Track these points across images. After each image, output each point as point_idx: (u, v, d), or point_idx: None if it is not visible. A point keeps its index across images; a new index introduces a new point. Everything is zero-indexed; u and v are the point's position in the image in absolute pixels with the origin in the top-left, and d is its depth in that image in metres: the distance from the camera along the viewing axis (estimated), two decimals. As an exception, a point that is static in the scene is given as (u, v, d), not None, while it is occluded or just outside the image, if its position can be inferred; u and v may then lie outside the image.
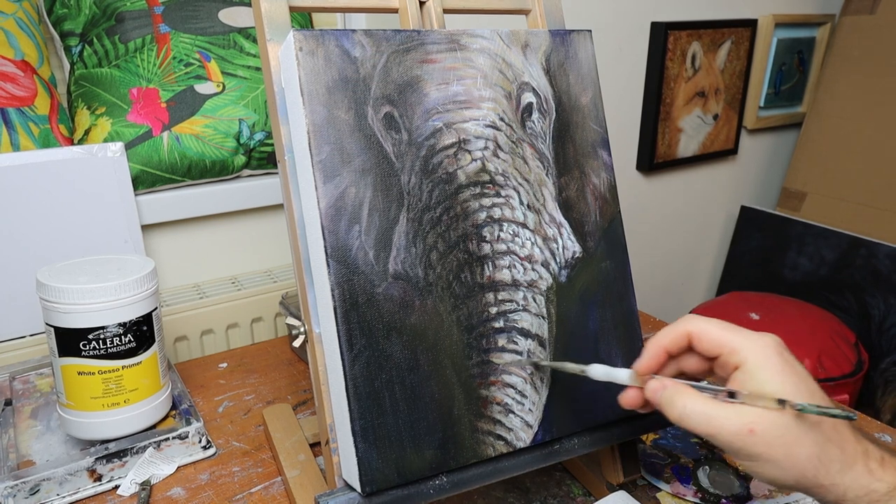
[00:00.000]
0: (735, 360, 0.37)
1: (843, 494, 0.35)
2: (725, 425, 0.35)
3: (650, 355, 0.41)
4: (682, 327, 0.40)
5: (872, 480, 0.35)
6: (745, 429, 0.34)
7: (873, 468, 0.35)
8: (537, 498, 0.55)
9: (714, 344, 0.38)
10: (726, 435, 0.35)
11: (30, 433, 0.62)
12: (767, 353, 0.36)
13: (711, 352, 0.38)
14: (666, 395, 0.38)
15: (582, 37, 0.53)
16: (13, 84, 0.74)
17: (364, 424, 0.42)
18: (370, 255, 0.43)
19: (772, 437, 0.34)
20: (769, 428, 0.34)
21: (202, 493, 0.55)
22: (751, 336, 0.37)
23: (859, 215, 1.37)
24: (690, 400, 0.36)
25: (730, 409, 0.35)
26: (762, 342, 0.37)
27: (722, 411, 0.35)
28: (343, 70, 0.44)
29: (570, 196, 0.51)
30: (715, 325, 0.39)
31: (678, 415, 0.37)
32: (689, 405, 0.36)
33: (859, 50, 1.37)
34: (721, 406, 0.36)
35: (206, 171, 0.83)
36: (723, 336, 0.38)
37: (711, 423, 0.35)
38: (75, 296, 0.54)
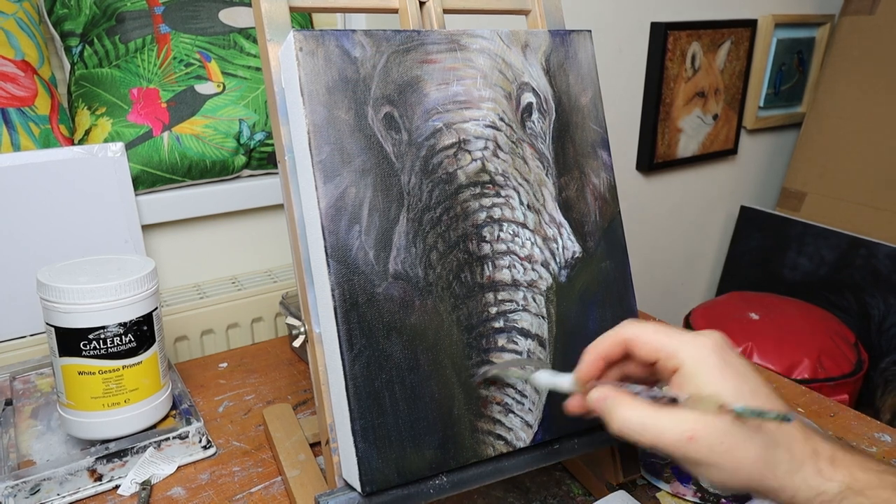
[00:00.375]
0: (672, 364, 0.36)
1: (793, 497, 0.34)
2: (664, 434, 0.34)
3: (587, 363, 0.39)
4: (619, 334, 0.38)
5: (822, 481, 0.33)
6: (684, 436, 0.33)
7: (823, 468, 0.34)
8: (537, 498, 0.55)
9: (650, 349, 0.37)
10: (667, 444, 0.34)
11: (30, 433, 0.62)
12: (704, 353, 0.35)
13: (649, 357, 0.37)
14: (606, 406, 0.36)
15: (582, 37, 0.53)
16: (14, 84, 0.75)
17: (364, 424, 0.42)
18: (370, 255, 0.43)
19: (712, 443, 0.33)
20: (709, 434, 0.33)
21: (202, 493, 0.55)
22: (687, 338, 0.36)
23: (859, 215, 1.37)
24: (629, 410, 0.35)
25: (668, 416, 0.34)
26: (698, 343, 0.36)
27: (660, 420, 0.34)
28: (343, 70, 0.44)
29: (570, 196, 0.51)
30: (650, 330, 0.37)
31: (617, 427, 0.35)
32: (627, 416, 0.35)
33: (859, 50, 1.37)
34: (660, 414, 0.34)
35: (206, 171, 0.83)
36: (658, 340, 0.37)
37: (650, 433, 0.34)
38: (76, 296, 0.54)
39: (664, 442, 0.34)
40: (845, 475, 0.33)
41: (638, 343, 0.37)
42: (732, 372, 0.35)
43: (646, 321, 0.38)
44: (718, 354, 0.35)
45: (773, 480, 0.33)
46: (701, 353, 0.35)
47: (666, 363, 0.36)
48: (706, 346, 0.35)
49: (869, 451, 0.60)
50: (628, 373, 0.40)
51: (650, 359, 0.37)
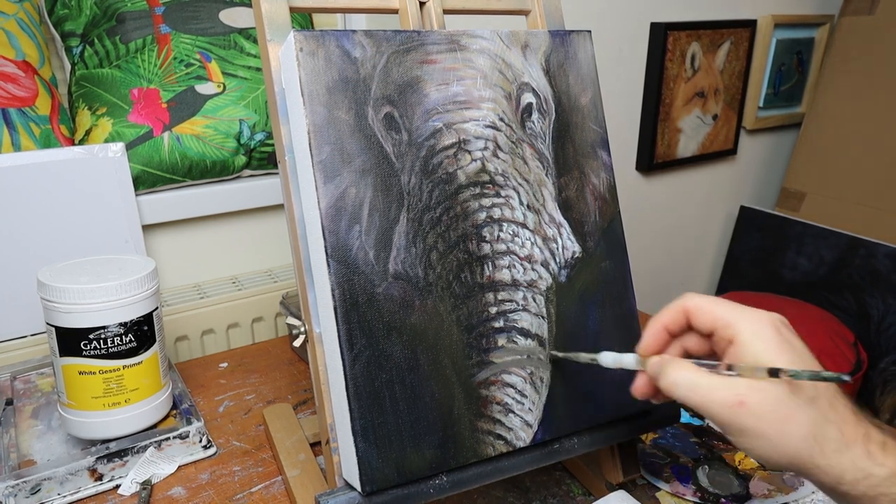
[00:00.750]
0: (729, 335, 0.36)
1: (840, 477, 0.33)
2: (714, 396, 0.33)
3: (650, 334, 0.40)
4: (680, 304, 0.39)
5: (872, 464, 0.33)
6: (734, 400, 0.33)
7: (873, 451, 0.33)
8: (537, 497, 0.55)
9: (709, 319, 0.37)
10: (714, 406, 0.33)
11: (31, 433, 0.62)
12: (761, 327, 0.35)
13: (707, 327, 0.37)
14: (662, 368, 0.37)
15: (581, 37, 0.54)
16: (14, 84, 0.75)
17: (364, 424, 0.42)
18: (370, 255, 0.43)
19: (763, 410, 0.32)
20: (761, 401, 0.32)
21: (203, 493, 0.55)
22: (746, 311, 0.36)
23: (858, 215, 1.37)
24: (681, 369, 0.35)
25: (720, 380, 0.34)
26: (757, 317, 0.35)
27: (712, 381, 0.34)
28: (343, 70, 0.44)
29: (570, 196, 0.51)
30: (711, 301, 0.37)
31: (667, 383, 0.35)
32: (679, 374, 0.35)
33: (858, 50, 1.37)
34: (712, 377, 0.34)
35: (206, 171, 0.83)
36: (718, 311, 0.37)
37: (698, 393, 0.34)
38: (76, 296, 0.54)
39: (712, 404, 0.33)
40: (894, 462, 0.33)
41: (698, 313, 0.37)
42: (788, 347, 0.34)
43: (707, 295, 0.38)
44: (776, 329, 0.35)
45: (820, 458, 0.33)
46: (758, 326, 0.35)
47: (723, 333, 0.36)
48: (763, 320, 0.35)
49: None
50: (689, 348, 0.40)
51: (708, 329, 0.37)
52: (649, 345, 0.40)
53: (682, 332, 0.40)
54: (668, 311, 0.39)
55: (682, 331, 0.40)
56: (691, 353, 0.40)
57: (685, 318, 0.39)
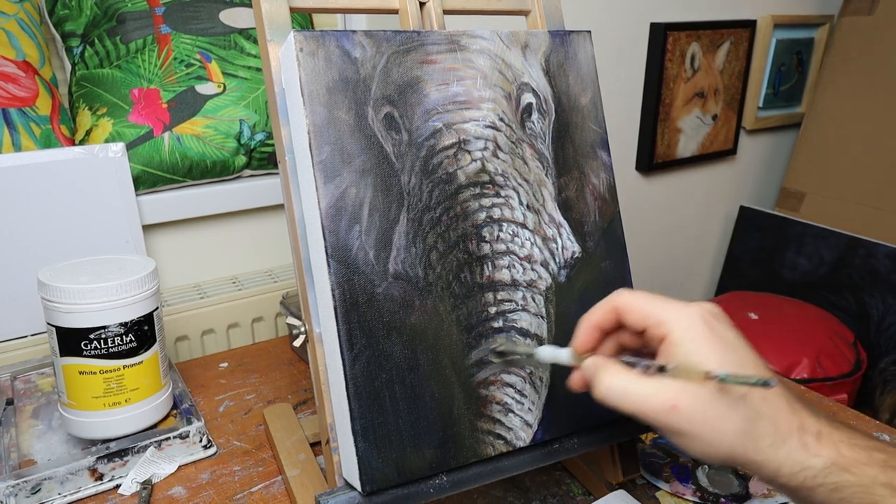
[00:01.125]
0: (660, 332, 0.35)
1: (777, 470, 0.33)
2: (647, 402, 0.33)
3: (582, 332, 0.39)
4: (610, 302, 0.38)
5: (808, 456, 0.32)
6: (667, 405, 0.32)
7: (808, 443, 0.33)
8: (537, 497, 0.55)
9: (640, 317, 0.36)
10: (648, 412, 0.33)
11: (31, 432, 0.62)
12: (692, 322, 0.34)
13: (639, 325, 0.36)
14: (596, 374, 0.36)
15: (581, 37, 0.54)
16: (15, 85, 0.75)
17: (364, 424, 0.42)
18: (370, 255, 0.44)
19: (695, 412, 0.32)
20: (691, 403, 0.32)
21: (203, 493, 0.55)
22: (676, 307, 0.35)
23: (858, 215, 1.37)
24: (613, 377, 0.35)
25: (652, 384, 0.33)
26: (687, 312, 0.35)
27: (644, 388, 0.33)
28: (343, 71, 0.44)
29: (570, 196, 0.51)
30: (640, 298, 0.37)
31: (601, 393, 0.35)
32: (610, 382, 0.34)
33: (858, 50, 1.37)
34: (644, 382, 0.34)
35: (206, 171, 0.83)
36: (648, 308, 0.36)
37: (632, 400, 0.33)
38: (77, 296, 0.54)
39: (646, 409, 0.33)
40: (831, 451, 0.33)
41: (628, 310, 0.37)
42: (719, 342, 0.34)
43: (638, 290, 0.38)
44: (706, 323, 0.34)
45: (755, 453, 0.33)
46: (688, 323, 0.34)
47: (654, 331, 0.36)
48: (694, 315, 0.35)
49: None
50: (624, 343, 0.39)
51: (639, 327, 0.37)
52: (582, 342, 0.39)
53: (616, 329, 0.39)
54: (598, 309, 0.39)
55: (614, 328, 0.39)
56: (626, 347, 0.40)
57: (616, 316, 0.38)
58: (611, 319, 0.38)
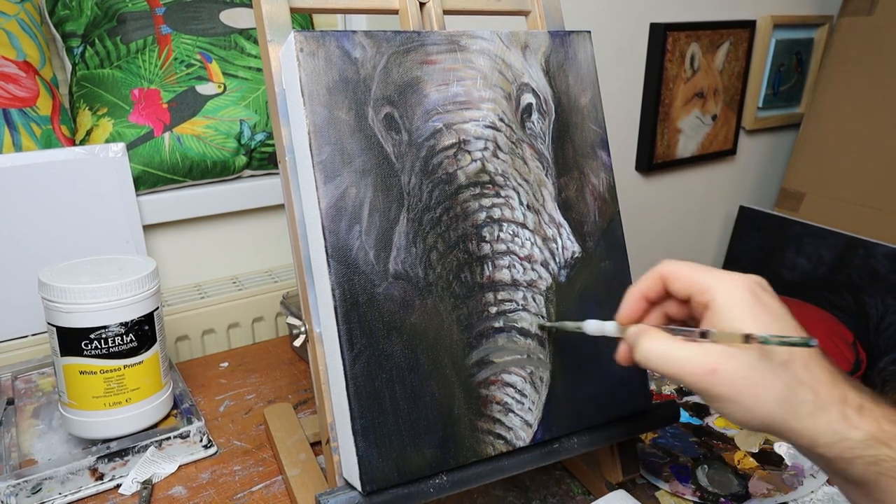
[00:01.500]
0: (705, 300, 0.35)
1: (814, 439, 0.33)
2: (687, 365, 0.33)
3: (628, 302, 0.39)
4: (657, 270, 0.38)
5: (848, 427, 0.32)
6: (707, 368, 0.32)
7: (849, 415, 0.33)
8: (537, 497, 0.55)
9: (685, 284, 0.36)
10: (688, 375, 0.33)
11: (32, 432, 0.62)
12: (736, 290, 0.34)
13: (684, 293, 0.36)
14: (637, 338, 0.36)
15: (581, 38, 0.54)
16: (15, 85, 0.75)
17: (364, 423, 0.42)
18: (370, 255, 0.44)
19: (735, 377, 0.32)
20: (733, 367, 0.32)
21: (203, 492, 0.55)
22: (722, 275, 0.35)
23: (857, 215, 1.37)
24: (654, 340, 0.35)
25: (693, 348, 0.33)
26: (731, 280, 0.35)
27: (684, 351, 0.33)
28: (343, 71, 0.44)
29: (570, 196, 0.51)
30: (687, 266, 0.37)
31: (641, 356, 0.35)
32: (651, 346, 0.35)
33: (857, 51, 1.37)
34: (684, 346, 0.34)
35: (207, 171, 0.83)
36: (693, 275, 0.36)
37: (672, 363, 0.33)
38: (77, 295, 0.54)
39: (686, 373, 0.33)
40: (872, 425, 0.32)
41: (673, 279, 0.37)
42: (763, 311, 0.34)
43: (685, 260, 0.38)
44: (751, 292, 0.34)
45: (794, 420, 0.32)
46: (733, 290, 0.34)
47: (699, 298, 0.36)
48: (739, 284, 0.35)
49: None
50: (671, 314, 0.40)
51: (685, 294, 0.37)
52: (627, 313, 0.39)
53: (662, 299, 0.39)
54: (645, 278, 0.39)
55: (660, 298, 0.39)
56: (672, 318, 0.40)
57: (662, 285, 0.38)
58: (657, 289, 0.38)
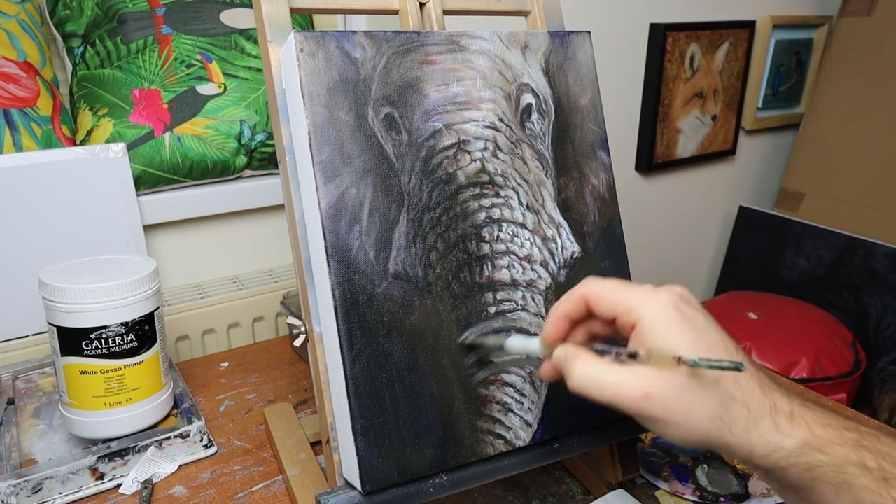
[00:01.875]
0: (630, 319, 0.35)
1: (751, 452, 0.33)
2: (620, 391, 0.33)
3: (551, 323, 0.39)
4: (579, 291, 0.38)
5: (781, 437, 0.32)
6: (639, 393, 0.32)
7: (781, 424, 0.33)
8: (537, 496, 0.55)
9: (609, 305, 0.36)
10: (623, 401, 0.33)
11: (32, 432, 0.62)
12: (661, 307, 0.34)
13: (608, 313, 0.36)
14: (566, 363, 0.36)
15: (581, 38, 0.54)
16: (16, 85, 0.75)
17: (364, 423, 0.42)
18: (370, 255, 0.44)
19: (668, 399, 0.32)
20: (664, 390, 0.32)
21: (204, 492, 0.55)
22: (645, 292, 0.35)
23: (857, 215, 1.37)
24: (586, 367, 0.34)
25: (624, 373, 0.33)
26: (656, 297, 0.35)
27: (616, 376, 0.33)
28: (344, 71, 0.44)
29: (570, 196, 0.51)
30: (609, 286, 0.36)
31: (575, 384, 0.35)
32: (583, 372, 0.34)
33: (857, 51, 1.37)
34: (616, 371, 0.34)
35: (207, 171, 0.83)
36: (616, 295, 0.36)
37: (606, 390, 0.33)
38: (78, 295, 0.54)
39: (620, 399, 0.33)
40: (804, 431, 0.33)
41: (598, 299, 0.37)
42: (689, 326, 0.34)
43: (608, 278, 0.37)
44: (676, 308, 0.34)
45: (729, 436, 0.33)
46: (659, 308, 0.34)
47: (624, 318, 0.35)
48: (663, 300, 0.34)
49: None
50: (595, 332, 0.39)
51: (609, 315, 0.36)
52: (551, 333, 0.39)
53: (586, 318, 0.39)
54: (567, 299, 0.38)
55: (584, 318, 0.39)
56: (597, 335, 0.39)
57: (585, 306, 0.38)
58: (580, 309, 0.38)
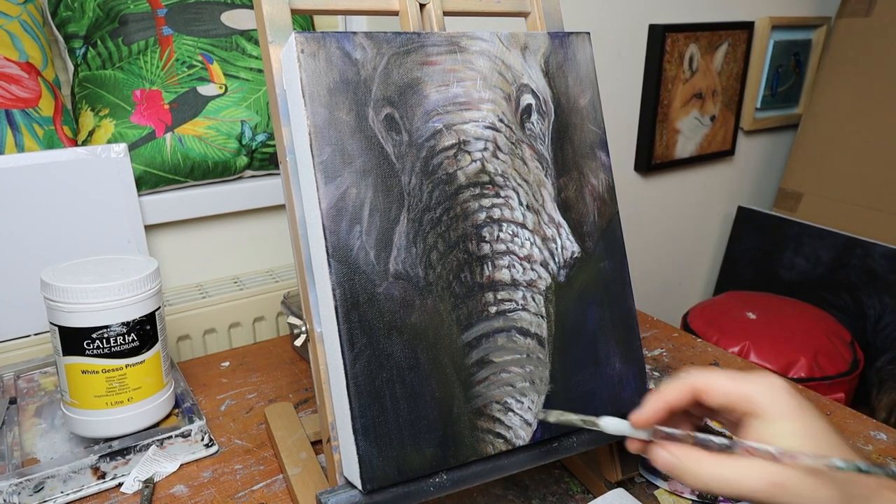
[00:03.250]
0: (747, 408, 0.36)
1: None
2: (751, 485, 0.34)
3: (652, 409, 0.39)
4: (688, 383, 0.38)
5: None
6: (771, 482, 0.34)
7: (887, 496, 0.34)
8: (536, 495, 0.55)
9: (723, 394, 0.37)
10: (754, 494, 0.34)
11: (34, 431, 0.62)
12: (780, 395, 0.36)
13: (723, 403, 0.37)
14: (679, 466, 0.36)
15: (581, 39, 0.54)
16: (18, 86, 0.75)
17: (365, 423, 0.42)
18: (371, 255, 0.44)
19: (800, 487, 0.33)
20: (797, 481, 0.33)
21: (205, 491, 0.55)
22: (760, 379, 0.36)
23: (855, 216, 1.38)
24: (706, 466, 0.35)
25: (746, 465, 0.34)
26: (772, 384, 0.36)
27: (742, 472, 0.34)
28: (344, 72, 0.45)
29: (569, 196, 0.52)
30: (722, 375, 0.37)
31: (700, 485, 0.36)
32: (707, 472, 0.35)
33: (855, 52, 1.38)
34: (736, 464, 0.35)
35: (208, 171, 0.84)
36: (732, 385, 0.37)
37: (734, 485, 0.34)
38: (79, 295, 0.54)
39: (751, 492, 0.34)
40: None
41: (710, 390, 0.37)
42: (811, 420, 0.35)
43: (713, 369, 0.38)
44: (791, 394, 0.36)
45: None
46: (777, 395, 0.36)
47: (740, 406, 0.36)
48: (779, 387, 0.36)
49: (864, 448, 0.61)
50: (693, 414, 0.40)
51: (723, 404, 0.37)
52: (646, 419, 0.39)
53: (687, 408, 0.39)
54: (674, 388, 0.38)
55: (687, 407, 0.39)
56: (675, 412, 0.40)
57: (692, 397, 0.38)
58: (686, 399, 0.38)
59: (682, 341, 0.83)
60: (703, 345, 0.83)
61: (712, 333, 1.21)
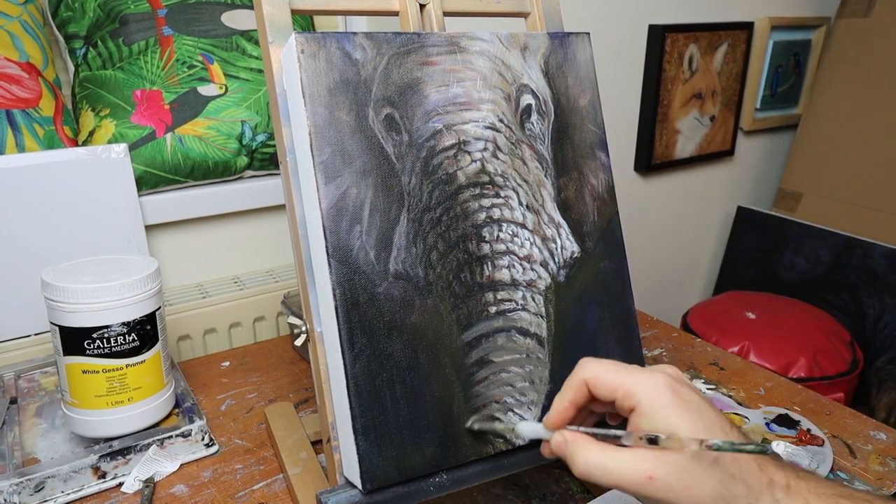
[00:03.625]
0: (630, 403, 0.36)
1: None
2: (624, 476, 0.34)
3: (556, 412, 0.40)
4: (579, 377, 0.39)
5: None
6: (643, 477, 0.34)
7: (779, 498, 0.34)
8: (536, 495, 0.55)
9: (608, 389, 0.37)
10: (628, 485, 0.34)
11: (34, 431, 0.62)
12: (659, 391, 0.36)
13: (608, 397, 0.38)
14: (567, 450, 0.37)
15: (580, 39, 0.54)
16: (18, 86, 0.75)
17: (365, 422, 0.42)
18: (371, 255, 0.44)
19: (671, 481, 0.34)
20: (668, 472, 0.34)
21: (205, 491, 0.55)
22: (642, 375, 0.37)
23: (855, 216, 1.38)
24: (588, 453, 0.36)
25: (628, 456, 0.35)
26: (653, 381, 0.36)
27: (621, 462, 0.35)
28: (344, 72, 0.45)
29: (569, 197, 0.52)
30: (608, 369, 0.38)
31: (581, 471, 0.36)
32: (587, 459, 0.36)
33: (854, 52, 1.38)
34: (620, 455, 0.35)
35: (208, 172, 0.84)
36: (615, 379, 0.37)
37: (611, 476, 0.35)
38: (80, 295, 0.55)
39: (625, 483, 0.34)
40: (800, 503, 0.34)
41: (597, 384, 0.38)
42: (687, 408, 0.35)
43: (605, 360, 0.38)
44: (673, 390, 0.36)
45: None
46: (657, 391, 0.36)
47: (624, 402, 0.37)
48: (660, 383, 0.36)
49: (864, 448, 0.61)
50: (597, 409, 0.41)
51: (609, 398, 0.38)
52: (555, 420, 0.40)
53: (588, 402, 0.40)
54: (570, 387, 0.39)
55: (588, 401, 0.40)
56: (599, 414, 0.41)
57: (587, 390, 0.39)
58: (583, 393, 0.39)
59: (681, 341, 0.84)
60: (703, 345, 0.83)
61: (712, 333, 1.21)
